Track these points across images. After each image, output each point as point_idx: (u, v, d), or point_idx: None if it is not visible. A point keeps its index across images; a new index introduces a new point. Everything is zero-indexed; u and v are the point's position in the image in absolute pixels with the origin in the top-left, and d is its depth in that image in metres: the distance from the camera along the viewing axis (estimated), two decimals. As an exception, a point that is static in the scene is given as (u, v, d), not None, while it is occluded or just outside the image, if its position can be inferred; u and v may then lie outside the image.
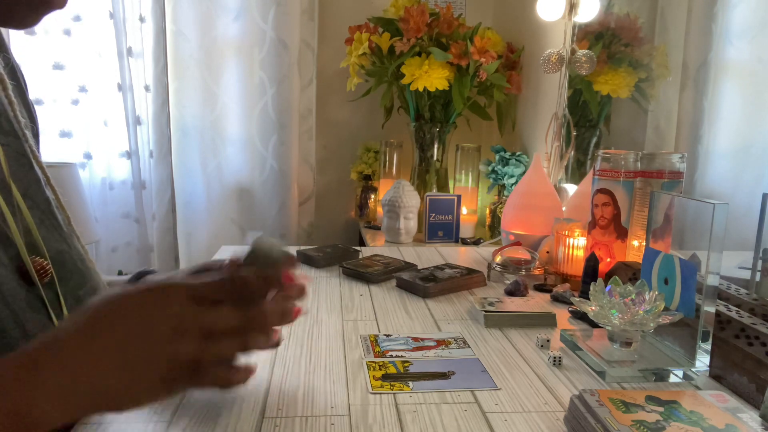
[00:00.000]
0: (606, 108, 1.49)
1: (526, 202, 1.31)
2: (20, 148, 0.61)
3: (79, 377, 0.43)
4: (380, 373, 0.67)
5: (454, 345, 0.77)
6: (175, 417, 0.57)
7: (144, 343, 0.44)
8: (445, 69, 1.76)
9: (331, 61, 2.11)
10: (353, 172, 2.13)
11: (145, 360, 0.44)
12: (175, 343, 0.45)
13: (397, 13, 1.85)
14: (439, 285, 0.98)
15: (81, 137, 2.03)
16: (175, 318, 0.45)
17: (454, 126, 1.97)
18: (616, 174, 0.95)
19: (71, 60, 1.97)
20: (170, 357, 0.45)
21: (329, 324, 0.83)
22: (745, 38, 1.00)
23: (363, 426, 0.56)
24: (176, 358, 0.45)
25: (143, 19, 1.99)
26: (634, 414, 0.53)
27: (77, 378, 0.43)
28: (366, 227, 2.02)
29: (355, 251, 1.23)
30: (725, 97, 1.04)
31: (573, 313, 0.91)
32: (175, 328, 0.45)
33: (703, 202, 0.67)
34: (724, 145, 1.04)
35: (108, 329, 0.44)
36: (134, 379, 0.44)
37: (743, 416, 0.53)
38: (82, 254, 0.64)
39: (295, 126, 2.06)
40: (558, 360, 0.71)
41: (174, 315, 0.45)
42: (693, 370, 0.68)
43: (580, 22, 1.48)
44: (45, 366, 0.42)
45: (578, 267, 1.02)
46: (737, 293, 0.75)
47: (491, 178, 1.90)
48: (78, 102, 2.01)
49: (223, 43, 1.99)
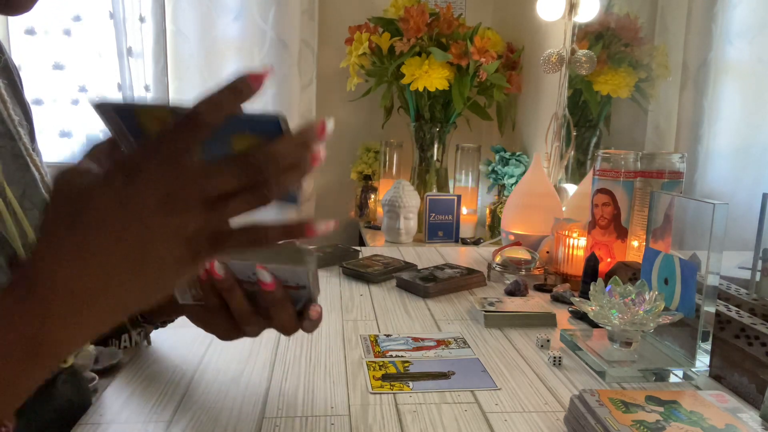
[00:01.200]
0: (606, 108, 1.49)
1: (526, 202, 1.31)
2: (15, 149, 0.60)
3: (84, 294, 0.38)
4: (380, 373, 0.67)
5: (454, 345, 0.77)
6: (175, 417, 0.57)
7: (139, 237, 0.38)
8: (445, 69, 1.76)
9: (331, 61, 2.11)
10: (353, 172, 2.13)
11: (151, 252, 0.38)
12: (172, 220, 0.38)
13: (397, 13, 1.85)
14: (439, 285, 0.98)
15: (81, 137, 2.03)
16: (159, 196, 0.37)
17: (454, 126, 1.97)
18: (616, 174, 0.95)
19: (71, 60, 1.97)
20: (174, 236, 0.38)
21: (329, 324, 0.83)
22: (745, 38, 1.00)
23: (363, 426, 0.56)
24: (181, 234, 0.38)
25: (143, 19, 1.99)
26: (634, 414, 0.53)
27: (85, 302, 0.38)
28: (366, 227, 2.02)
29: (355, 251, 1.23)
30: (725, 97, 1.04)
31: (573, 313, 0.91)
32: (164, 206, 0.38)
33: (703, 202, 0.67)
34: (724, 145, 1.04)
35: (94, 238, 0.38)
36: (147, 272, 0.39)
37: (743, 416, 0.53)
38: None
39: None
40: (558, 360, 0.71)
41: (156, 194, 0.37)
42: (693, 370, 0.68)
43: (580, 22, 1.48)
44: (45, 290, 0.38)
45: (578, 267, 1.02)
46: (737, 293, 0.75)
47: (491, 178, 1.90)
48: (78, 102, 2.01)
49: (223, 43, 1.99)
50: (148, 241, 0.38)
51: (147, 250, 0.38)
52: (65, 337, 0.39)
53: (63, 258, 0.38)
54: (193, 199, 0.38)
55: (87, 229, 0.38)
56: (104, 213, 0.38)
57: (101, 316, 0.40)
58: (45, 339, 0.38)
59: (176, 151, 0.37)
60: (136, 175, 0.37)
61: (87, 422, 0.56)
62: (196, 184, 0.38)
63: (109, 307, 0.39)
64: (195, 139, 0.38)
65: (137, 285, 0.39)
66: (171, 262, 0.39)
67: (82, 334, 0.40)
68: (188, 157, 0.38)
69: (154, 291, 0.40)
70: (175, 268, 0.39)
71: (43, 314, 0.38)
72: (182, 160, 0.38)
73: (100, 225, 0.38)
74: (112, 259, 0.38)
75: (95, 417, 0.57)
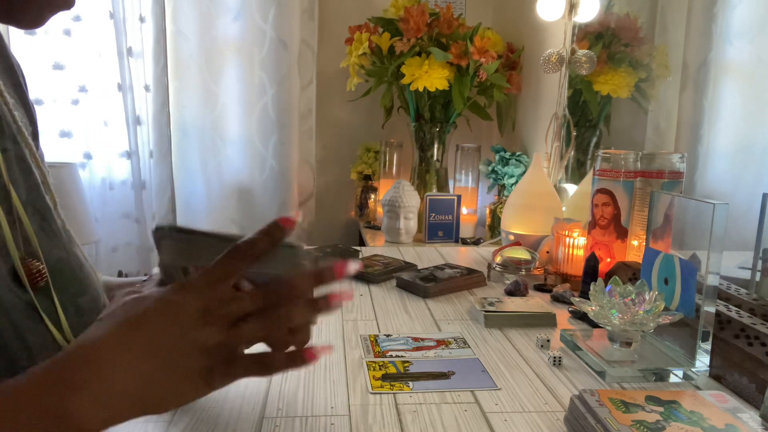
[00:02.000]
0: (606, 108, 1.49)
1: (526, 202, 1.31)
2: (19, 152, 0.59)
3: (116, 382, 0.42)
4: (380, 373, 0.67)
5: (454, 345, 0.77)
6: (175, 417, 0.57)
7: (172, 339, 0.44)
8: (445, 69, 1.76)
9: (331, 61, 2.11)
10: (353, 172, 2.13)
11: (177, 355, 0.44)
12: (203, 330, 0.45)
13: (397, 13, 1.85)
14: (439, 285, 0.98)
15: (81, 137, 2.03)
16: (198, 308, 0.45)
17: (454, 126, 1.97)
18: (616, 174, 0.95)
19: (71, 60, 1.97)
20: (200, 346, 0.45)
21: (329, 324, 0.83)
22: (745, 38, 1.00)
23: (363, 426, 0.56)
24: (206, 345, 0.45)
25: (143, 19, 1.99)
26: (634, 414, 0.53)
27: (114, 383, 0.42)
28: (366, 227, 2.02)
29: (355, 251, 1.23)
30: (725, 97, 1.04)
31: (573, 313, 0.91)
32: (200, 318, 0.45)
33: (703, 202, 0.67)
34: (724, 145, 1.04)
35: (135, 332, 0.44)
36: (171, 378, 0.44)
37: (743, 416, 0.53)
38: (81, 260, 0.63)
39: (295, 126, 2.06)
40: (558, 360, 0.71)
41: (197, 305, 0.45)
42: (693, 370, 0.68)
43: (580, 22, 1.48)
44: (81, 371, 0.42)
45: (578, 267, 1.02)
46: (737, 293, 0.75)
47: (491, 178, 1.90)
48: (78, 102, 2.01)
49: (223, 43, 1.99)
50: (181, 347, 0.44)
51: (179, 356, 0.44)
52: (87, 416, 0.41)
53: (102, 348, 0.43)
54: (223, 316, 0.46)
55: (130, 327, 0.44)
56: (150, 315, 0.45)
57: (123, 411, 0.43)
58: (67, 413, 0.41)
59: (219, 278, 0.47)
60: (185, 291, 0.46)
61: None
62: (229, 304, 0.46)
63: (132, 404, 0.43)
64: (236, 271, 0.47)
65: (162, 386, 0.44)
66: (194, 373, 0.45)
67: (103, 419, 0.42)
68: (228, 284, 0.47)
69: (174, 399, 0.46)
70: (195, 381, 0.45)
71: (70, 388, 0.41)
72: (222, 286, 0.46)
73: (143, 324, 0.44)
74: (148, 357, 0.43)
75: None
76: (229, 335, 0.46)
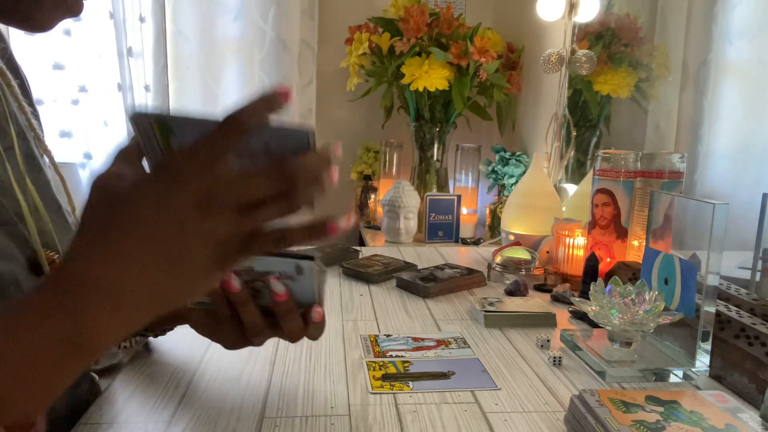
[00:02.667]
0: (606, 108, 1.49)
1: (526, 202, 1.31)
2: (29, 149, 0.60)
3: (124, 303, 0.39)
4: (380, 373, 0.67)
5: (454, 345, 0.77)
6: (175, 417, 0.57)
7: (175, 241, 0.39)
8: (445, 69, 1.76)
9: (331, 61, 2.11)
10: (353, 172, 2.13)
11: (186, 254, 0.39)
12: (206, 221, 0.39)
13: (397, 13, 1.85)
14: (439, 285, 0.98)
15: (81, 137, 2.03)
16: (195, 198, 0.39)
17: (454, 126, 1.97)
18: (616, 174, 0.95)
19: (71, 60, 1.97)
20: (206, 239, 0.39)
21: (329, 324, 0.83)
22: (745, 38, 1.00)
23: (363, 426, 0.56)
24: (214, 238, 0.39)
25: (143, 19, 1.99)
26: (634, 414, 0.53)
27: (122, 304, 0.39)
28: (366, 227, 2.02)
29: (355, 251, 1.23)
30: (725, 97, 1.04)
31: (573, 313, 0.91)
32: (200, 208, 0.39)
33: (703, 202, 0.67)
34: (724, 145, 1.04)
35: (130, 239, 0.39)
36: (183, 276, 0.40)
37: (743, 416, 0.53)
38: None
39: (295, 126, 2.06)
40: (558, 360, 0.71)
41: (192, 194, 0.39)
42: (693, 370, 0.68)
43: (580, 22, 1.48)
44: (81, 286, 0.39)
45: (578, 267, 1.02)
46: (737, 293, 0.75)
47: (491, 178, 1.90)
48: (78, 102, 2.01)
49: (223, 43, 1.99)
50: (182, 242, 0.39)
51: (181, 250, 0.39)
52: (100, 331, 0.39)
53: (99, 257, 0.39)
54: (227, 204, 0.39)
55: (124, 229, 0.39)
56: (141, 214, 0.39)
57: (136, 313, 0.40)
58: (81, 333, 0.39)
59: (213, 157, 0.39)
60: (174, 177, 0.39)
61: (87, 422, 0.56)
62: (232, 190, 0.39)
63: (144, 303, 0.40)
64: (231, 145, 0.39)
65: (171, 284, 0.40)
66: (203, 263, 0.40)
67: (117, 329, 0.40)
68: (224, 163, 0.39)
69: (187, 291, 0.41)
70: (206, 270, 0.40)
71: (80, 308, 0.38)
72: (219, 166, 0.39)
73: (138, 225, 0.39)
74: (147, 257, 0.39)
75: (95, 417, 0.57)
76: (239, 224, 0.40)
